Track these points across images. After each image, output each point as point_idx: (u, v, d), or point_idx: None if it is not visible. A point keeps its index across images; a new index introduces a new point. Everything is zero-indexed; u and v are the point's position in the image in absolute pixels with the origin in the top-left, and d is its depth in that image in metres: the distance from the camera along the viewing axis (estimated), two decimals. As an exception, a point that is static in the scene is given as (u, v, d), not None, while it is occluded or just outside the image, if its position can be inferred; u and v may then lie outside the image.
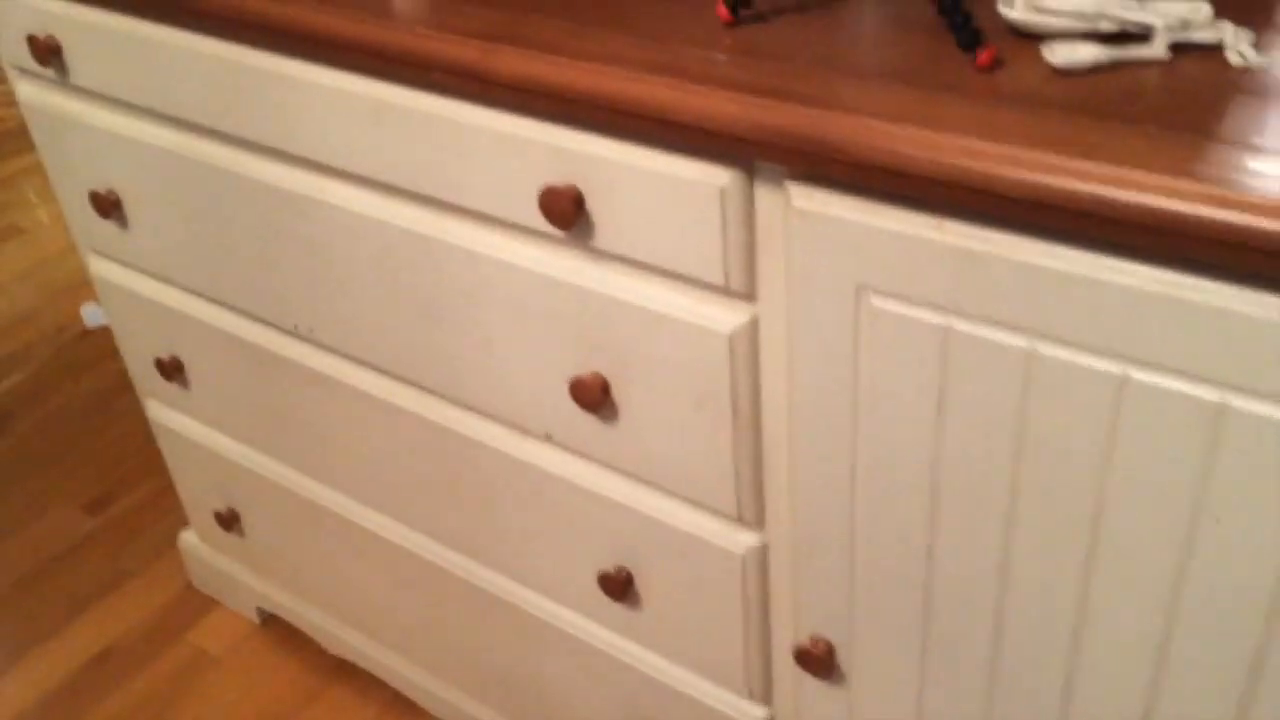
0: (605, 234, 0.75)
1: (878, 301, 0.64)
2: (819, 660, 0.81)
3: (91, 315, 2.07)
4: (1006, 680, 0.73)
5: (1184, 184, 0.51)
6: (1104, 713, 0.69)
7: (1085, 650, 0.68)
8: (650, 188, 0.70)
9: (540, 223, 0.78)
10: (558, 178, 0.75)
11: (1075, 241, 0.56)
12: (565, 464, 0.91)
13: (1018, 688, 0.73)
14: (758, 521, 0.82)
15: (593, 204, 0.74)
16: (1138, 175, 0.51)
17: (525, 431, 0.92)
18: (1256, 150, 0.52)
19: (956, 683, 0.76)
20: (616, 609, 0.96)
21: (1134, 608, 0.64)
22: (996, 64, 0.62)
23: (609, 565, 0.93)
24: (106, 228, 1.16)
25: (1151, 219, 0.51)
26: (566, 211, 0.74)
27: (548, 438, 0.90)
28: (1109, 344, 0.57)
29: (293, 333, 1.06)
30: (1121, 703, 0.68)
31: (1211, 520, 0.58)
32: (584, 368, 0.83)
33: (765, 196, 0.68)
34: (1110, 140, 0.54)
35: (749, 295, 0.72)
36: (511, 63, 0.70)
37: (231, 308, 1.10)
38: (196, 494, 1.38)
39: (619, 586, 0.92)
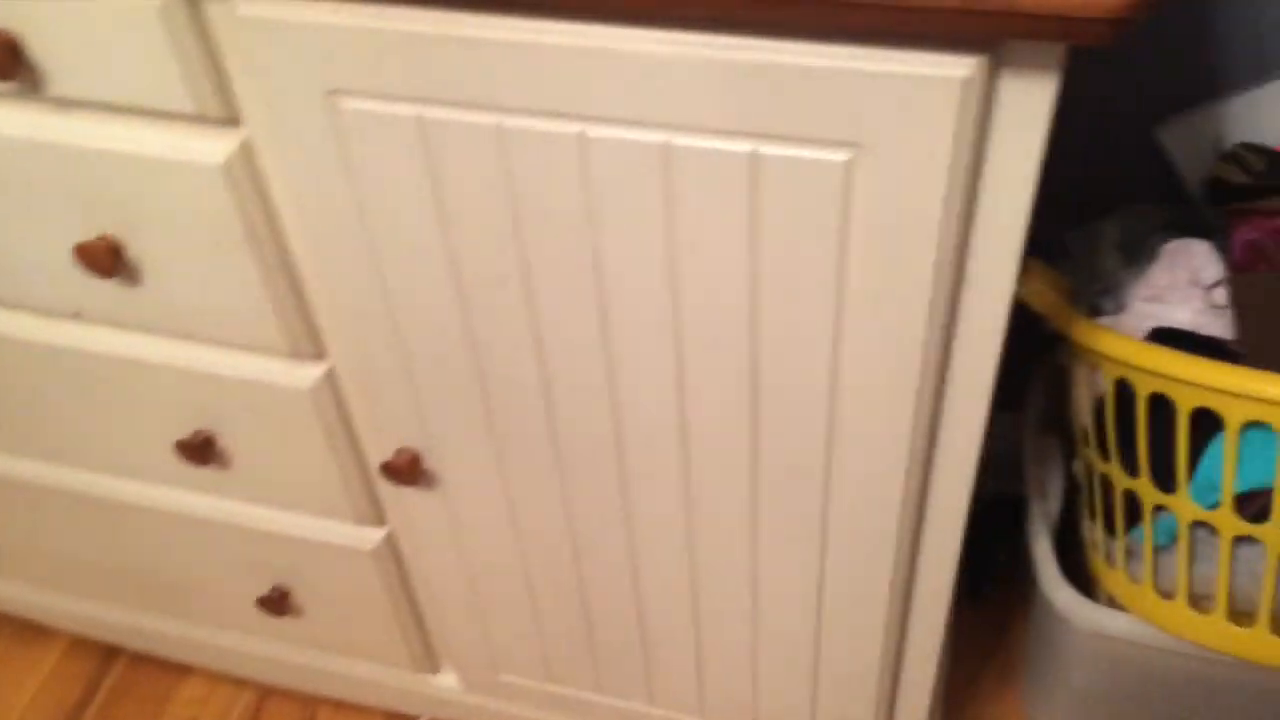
0: (58, 78, 0.68)
1: (350, 103, 0.63)
2: (406, 470, 0.83)
3: None
4: (569, 449, 0.78)
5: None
6: (651, 454, 0.76)
7: (622, 398, 0.73)
8: (90, 18, 0.64)
9: (-21, 78, 0.69)
10: (-21, 23, 0.66)
11: (511, 9, 0.57)
12: (106, 340, 0.85)
13: (580, 454, 0.78)
14: (317, 352, 0.81)
15: (36, 48, 0.66)
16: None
17: (51, 314, 0.85)
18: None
19: (530, 463, 0.80)
20: (206, 474, 0.93)
21: (650, 341, 0.69)
22: None
23: (185, 432, 0.89)
24: None
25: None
26: (2, 61, 0.66)
27: (77, 315, 0.83)
28: (562, 105, 0.59)
29: None
30: (662, 439, 0.75)
31: (687, 251, 0.63)
32: (87, 232, 0.76)
33: (213, 8, 0.63)
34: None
35: (232, 119, 0.68)
36: None
37: None
38: None
39: (200, 451, 0.89)
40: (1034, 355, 1.06)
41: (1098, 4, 0.45)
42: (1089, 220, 0.94)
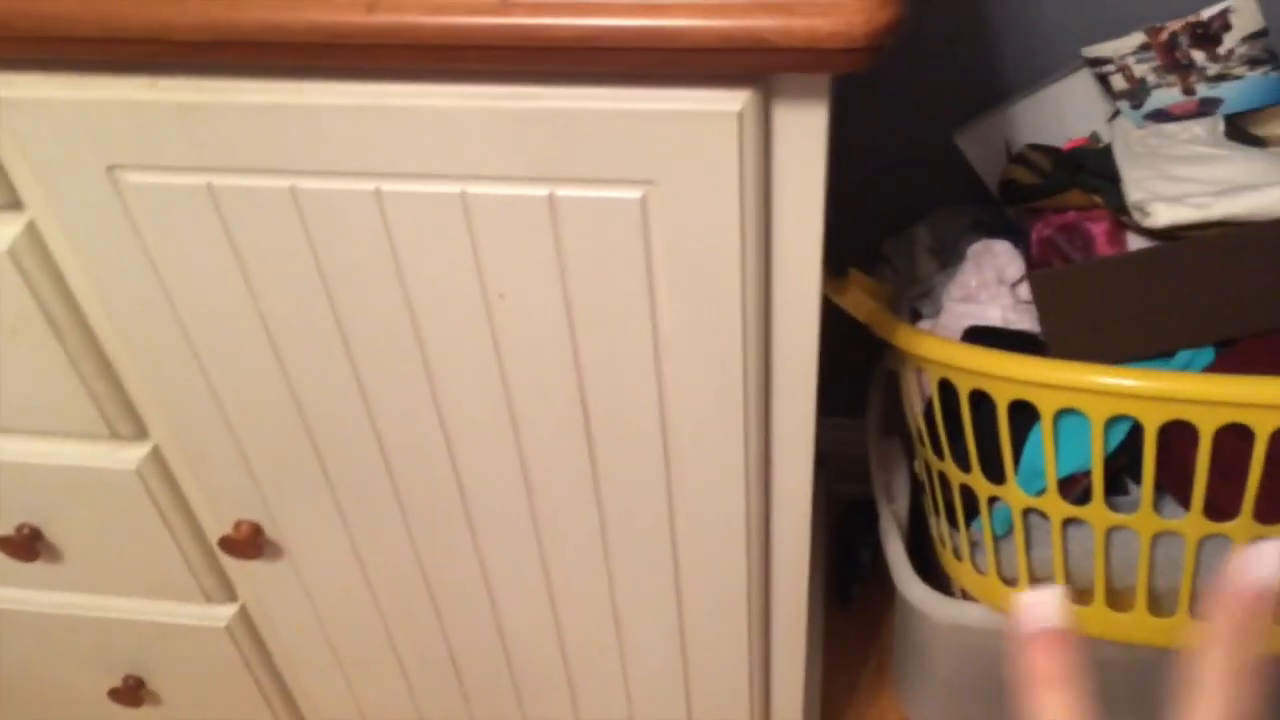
0: None
1: (133, 177, 0.61)
2: (248, 543, 0.81)
3: None
4: (413, 504, 0.77)
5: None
6: (495, 500, 0.75)
7: (458, 448, 0.73)
8: None
9: None
10: None
11: (289, 73, 0.56)
12: (-90, 439, 0.80)
13: (424, 508, 0.77)
14: (138, 432, 0.78)
15: None
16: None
17: None
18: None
19: (376, 525, 0.79)
20: (37, 569, 0.88)
21: (476, 387, 0.69)
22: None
23: (7, 529, 0.85)
24: None
25: (321, 36, 0.52)
26: None
27: (-126, 417, 0.79)
28: (353, 164, 0.58)
29: None
30: (504, 483, 0.74)
31: (498, 298, 0.63)
32: (-128, 330, 0.72)
33: (-23, 91, 0.61)
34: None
35: (14, 204, 0.66)
36: None
37: None
38: None
39: (24, 546, 0.84)
40: (876, 362, 1.09)
41: (843, 34, 0.47)
42: (905, 227, 0.98)
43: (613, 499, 0.75)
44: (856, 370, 1.09)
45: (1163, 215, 0.74)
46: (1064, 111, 0.89)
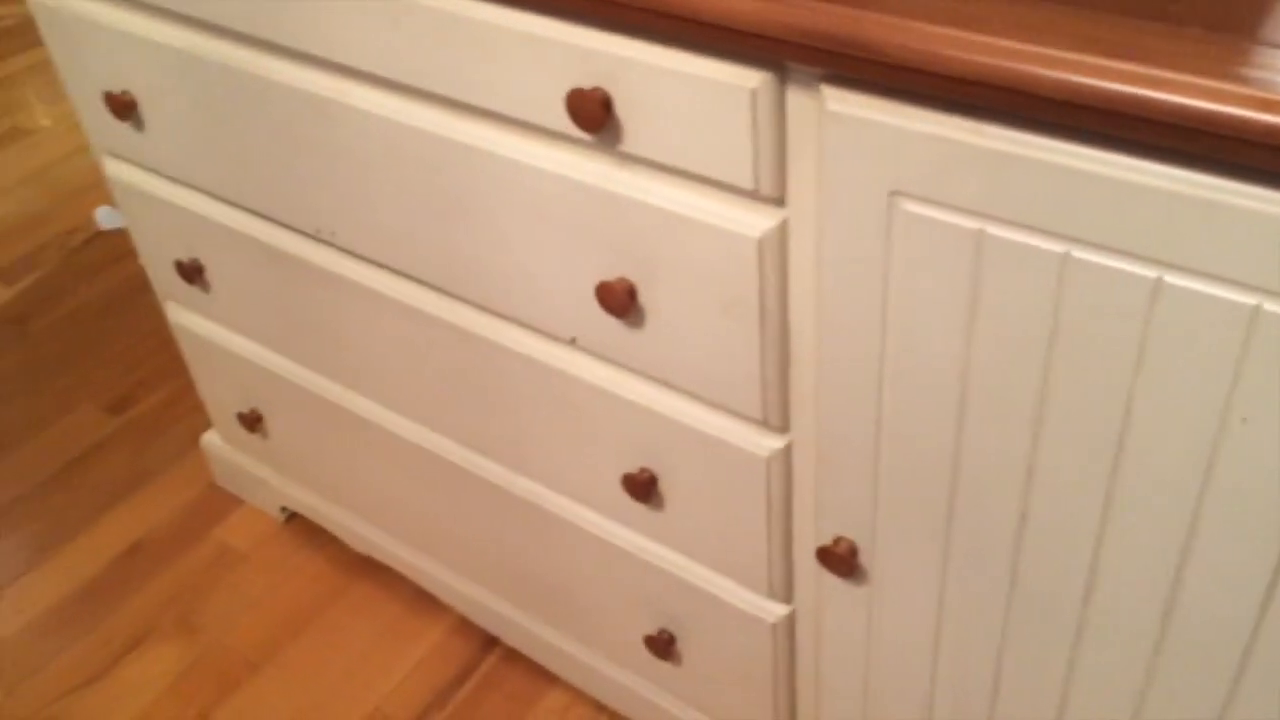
0: (633, 138, 0.74)
1: (911, 206, 0.64)
2: (841, 559, 0.83)
3: (105, 218, 2.06)
4: (1027, 582, 0.75)
5: (1222, 85, 0.50)
6: (1123, 614, 0.71)
7: (1106, 553, 0.69)
8: (680, 90, 0.70)
9: (567, 125, 0.77)
10: (585, 80, 0.74)
11: (1112, 144, 0.56)
12: (590, 368, 0.92)
13: (1038, 590, 0.74)
14: (783, 425, 0.83)
15: (621, 107, 0.74)
16: (1174, 75, 0.51)
17: (550, 336, 0.93)
18: (1306, 53, 0.52)
19: (977, 584, 0.78)
20: (639, 509, 0.98)
21: (1157, 512, 0.65)
22: (1040, -38, 0.60)
23: (633, 467, 0.95)
24: (122, 130, 1.15)
25: (1188, 120, 0.50)
26: (594, 115, 0.74)
27: (573, 342, 0.91)
28: (1144, 248, 0.57)
29: (314, 236, 1.06)
30: (1141, 606, 0.70)
31: (1239, 421, 0.59)
32: (611, 272, 0.83)
33: (797, 99, 0.67)
34: (1154, 41, 0.53)
35: (779, 200, 0.72)
36: (539, -40, 0.69)
37: (252, 211, 1.10)
38: (218, 395, 1.40)
39: (642, 488, 0.94)
40: None
41: None
42: None
43: (1259, 683, 0.67)
44: None
45: None
46: None
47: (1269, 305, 0.55)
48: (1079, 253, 0.59)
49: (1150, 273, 0.57)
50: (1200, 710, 0.72)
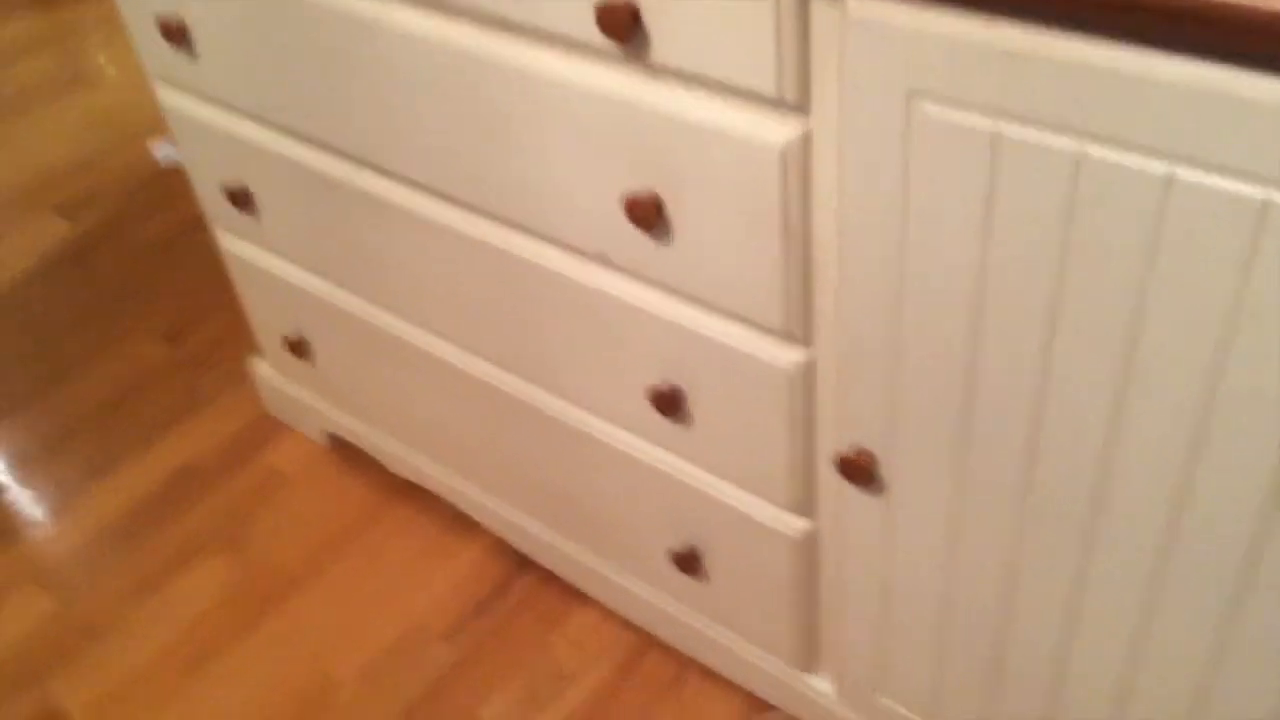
0: (661, 47, 0.76)
1: (929, 107, 0.65)
2: (861, 470, 0.85)
3: (163, 153, 2.12)
4: (1038, 492, 0.76)
5: (1241, -26, 0.50)
6: (1133, 518, 0.72)
7: (1117, 457, 0.70)
8: (706, -3, 0.71)
9: (596, 37, 0.79)
10: (615, -12, 0.75)
11: (1124, 38, 0.56)
12: (619, 283, 0.94)
13: (1050, 495, 0.76)
14: (805, 337, 0.85)
15: (649, 16, 0.75)
16: (1194, -34, 0.51)
17: (581, 252, 0.95)
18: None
19: (991, 492, 0.79)
20: (665, 424, 1.00)
21: (1168, 413, 0.66)
22: None
23: (660, 382, 0.97)
24: (175, 57, 1.19)
25: (1204, 9, 0.51)
26: (623, 23, 0.75)
27: (602, 257, 0.93)
28: (1156, 142, 0.57)
29: (357, 158, 1.09)
30: (1150, 511, 0.71)
31: (1249, 318, 0.60)
32: (640, 186, 0.85)
33: (820, 4, 0.68)
34: (1170, -67, 0.54)
35: (802, 108, 0.73)
36: None
37: (298, 135, 1.13)
38: (267, 322, 1.44)
39: (669, 402, 0.96)
40: None
41: None
42: None
43: (1271, 585, 0.68)
44: None
45: None
46: None
47: (1278, 197, 0.55)
48: (1093, 149, 0.60)
49: (1162, 168, 0.58)
50: (1203, 619, 0.73)
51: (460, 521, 1.40)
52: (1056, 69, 0.59)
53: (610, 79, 0.81)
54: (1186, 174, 0.57)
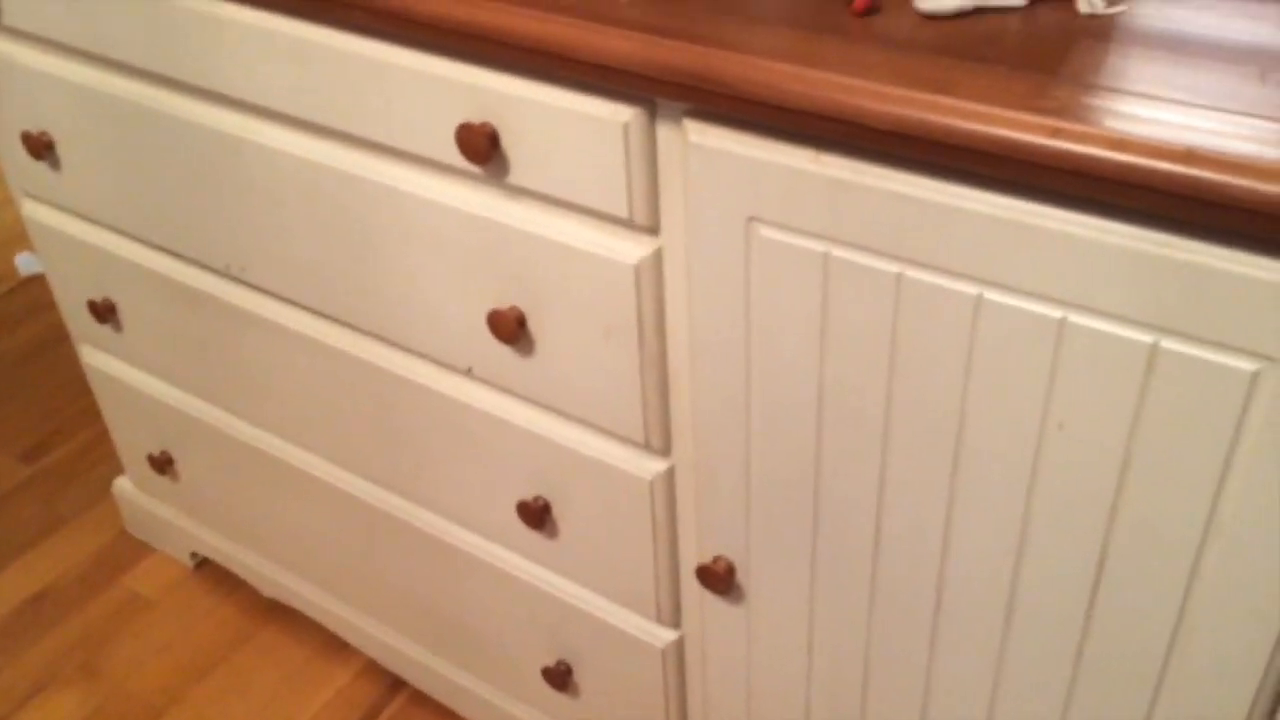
0: (519, 170, 0.79)
1: (765, 231, 0.69)
2: (719, 578, 0.86)
3: (26, 264, 2.07)
4: (886, 589, 0.79)
5: (1026, 117, 0.56)
6: (971, 613, 0.75)
7: (952, 557, 0.74)
8: (559, 124, 0.75)
9: (458, 159, 0.82)
10: (473, 115, 0.78)
11: (936, 172, 0.62)
12: (485, 397, 0.95)
13: (896, 595, 0.78)
14: (664, 448, 0.87)
15: (507, 141, 0.78)
16: (986, 109, 0.57)
17: (448, 366, 0.96)
18: (1095, 88, 0.58)
19: (842, 596, 0.82)
20: (535, 538, 1.00)
21: (993, 515, 0.70)
22: (872, 10, 0.67)
23: (528, 495, 0.98)
24: (39, 170, 1.18)
25: (998, 148, 0.56)
26: (482, 148, 0.78)
27: (469, 372, 0.94)
28: (966, 267, 0.62)
29: (223, 273, 1.09)
30: (985, 605, 0.74)
31: (1056, 427, 0.64)
32: (502, 301, 0.87)
33: (666, 133, 0.72)
34: (967, 78, 0.59)
35: (652, 228, 0.77)
36: (428, 3, 0.74)
37: (163, 248, 1.13)
38: (130, 438, 1.40)
39: (537, 515, 0.96)
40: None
41: None
42: None
43: (1094, 669, 0.72)
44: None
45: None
46: None
47: (1074, 317, 0.60)
48: (911, 272, 0.64)
49: (972, 289, 0.63)
50: (1044, 700, 0.76)
51: (331, 643, 1.36)
52: (879, 198, 0.63)
53: (473, 198, 0.84)
54: (994, 295, 0.62)
